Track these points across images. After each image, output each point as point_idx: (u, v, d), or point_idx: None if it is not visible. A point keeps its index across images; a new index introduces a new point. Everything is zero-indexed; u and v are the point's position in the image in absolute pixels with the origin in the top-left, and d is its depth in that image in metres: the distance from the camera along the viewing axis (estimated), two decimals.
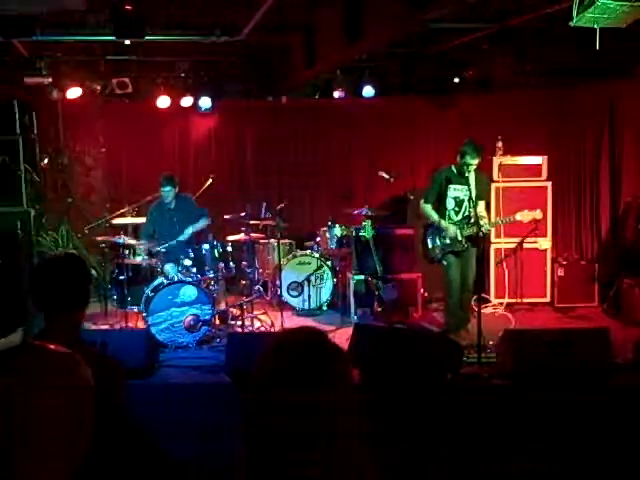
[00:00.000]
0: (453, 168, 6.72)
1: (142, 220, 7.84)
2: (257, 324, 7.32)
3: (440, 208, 6.74)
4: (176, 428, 4.42)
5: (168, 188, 7.28)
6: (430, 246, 6.80)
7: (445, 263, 6.71)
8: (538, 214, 6.93)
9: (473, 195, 6.59)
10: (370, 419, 1.52)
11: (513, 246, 8.12)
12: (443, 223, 6.68)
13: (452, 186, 6.68)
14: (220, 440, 3.03)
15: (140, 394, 4.58)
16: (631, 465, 4.07)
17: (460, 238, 6.64)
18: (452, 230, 6.64)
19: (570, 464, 4.09)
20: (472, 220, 6.53)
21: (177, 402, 5.08)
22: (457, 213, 6.73)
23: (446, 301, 6.92)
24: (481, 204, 6.77)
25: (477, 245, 6.63)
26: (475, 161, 6.50)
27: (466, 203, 6.68)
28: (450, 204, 6.72)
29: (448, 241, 6.69)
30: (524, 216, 6.88)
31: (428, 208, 6.78)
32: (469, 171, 6.51)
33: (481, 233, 6.47)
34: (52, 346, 1.39)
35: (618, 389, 5.29)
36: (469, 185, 6.54)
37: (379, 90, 8.60)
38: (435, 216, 6.73)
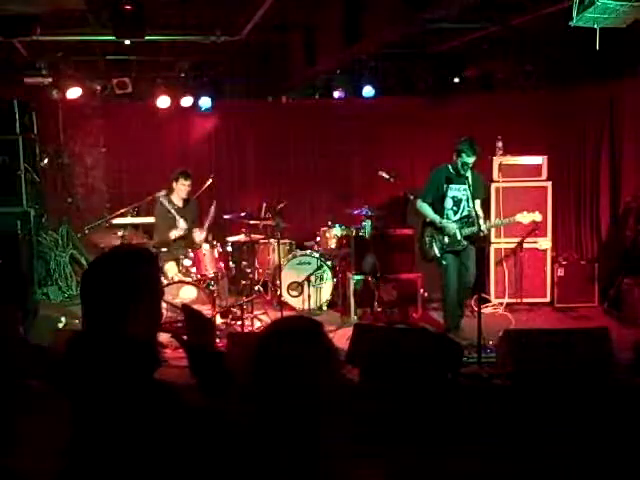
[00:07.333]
0: (450, 167, 6.69)
1: (142, 220, 7.82)
2: (257, 324, 7.32)
3: (438, 207, 6.72)
4: None
5: (189, 182, 7.25)
6: (428, 244, 6.76)
7: (444, 263, 6.67)
8: (537, 216, 6.89)
9: (471, 194, 6.56)
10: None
11: (513, 246, 8.11)
12: (441, 221, 6.66)
13: (450, 185, 6.66)
14: None
15: None
16: (631, 465, 4.07)
17: (459, 237, 6.62)
18: (451, 228, 6.62)
19: (570, 464, 4.09)
20: (470, 219, 6.55)
21: None
22: (455, 213, 6.71)
23: (443, 301, 6.92)
24: (477, 202, 6.72)
25: (476, 243, 6.60)
26: (471, 160, 6.48)
27: (464, 203, 6.67)
28: (448, 203, 6.70)
29: (447, 240, 6.66)
30: (524, 217, 6.85)
31: (425, 207, 6.75)
32: (465, 170, 6.50)
33: (481, 233, 6.47)
34: None
35: (618, 389, 5.29)
36: (468, 184, 6.49)
37: (379, 90, 8.60)
38: (433, 214, 6.71)
